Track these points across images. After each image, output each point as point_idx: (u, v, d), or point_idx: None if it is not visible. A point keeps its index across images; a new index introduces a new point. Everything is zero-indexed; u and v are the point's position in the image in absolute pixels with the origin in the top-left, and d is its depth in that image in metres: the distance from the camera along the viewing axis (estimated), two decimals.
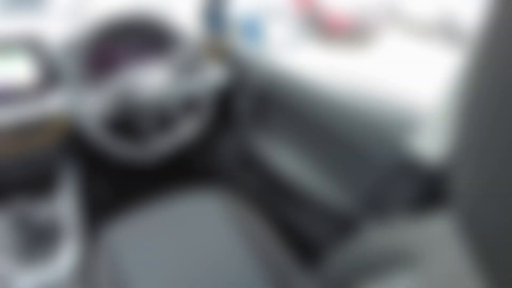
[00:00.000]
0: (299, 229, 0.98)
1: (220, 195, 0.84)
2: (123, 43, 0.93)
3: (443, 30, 0.71)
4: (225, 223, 0.78)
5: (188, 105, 1.06)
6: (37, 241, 0.72)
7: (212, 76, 0.89)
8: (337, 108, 0.73)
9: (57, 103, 0.78)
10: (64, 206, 0.81)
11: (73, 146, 0.87)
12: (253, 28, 0.94)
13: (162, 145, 0.80)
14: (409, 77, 0.67)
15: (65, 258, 0.73)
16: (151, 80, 0.77)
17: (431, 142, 0.55)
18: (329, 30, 0.79)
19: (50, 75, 0.77)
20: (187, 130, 0.85)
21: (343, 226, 0.78)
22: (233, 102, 1.12)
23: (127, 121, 0.77)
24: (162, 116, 0.80)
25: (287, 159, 0.92)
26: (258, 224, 0.79)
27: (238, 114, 1.06)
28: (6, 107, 0.70)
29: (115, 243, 0.70)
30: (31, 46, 0.72)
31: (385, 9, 0.77)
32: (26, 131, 0.73)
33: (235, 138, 1.21)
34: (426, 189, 0.59)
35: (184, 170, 1.53)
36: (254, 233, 0.75)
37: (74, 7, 0.79)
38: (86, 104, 0.70)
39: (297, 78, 0.86)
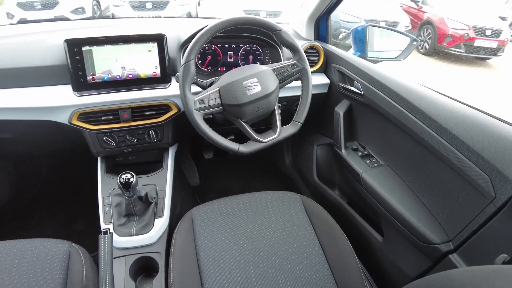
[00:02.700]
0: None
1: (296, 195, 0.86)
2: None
3: None
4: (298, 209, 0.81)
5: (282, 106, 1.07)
6: (139, 207, 0.84)
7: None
8: (448, 134, 0.67)
9: (171, 91, 0.89)
10: (163, 182, 0.93)
11: (177, 131, 0.97)
12: None
13: (260, 141, 0.80)
14: None
15: (158, 223, 0.84)
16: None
17: None
18: None
19: (169, 68, 0.89)
20: (285, 129, 0.85)
21: (431, 257, 0.73)
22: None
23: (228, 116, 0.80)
24: (262, 114, 0.81)
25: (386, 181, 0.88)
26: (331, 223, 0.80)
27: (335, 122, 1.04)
28: (136, 90, 0.87)
29: (197, 216, 0.78)
30: (158, 44, 0.85)
31: None
32: (149, 109, 0.89)
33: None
34: None
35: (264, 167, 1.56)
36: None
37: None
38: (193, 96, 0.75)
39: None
